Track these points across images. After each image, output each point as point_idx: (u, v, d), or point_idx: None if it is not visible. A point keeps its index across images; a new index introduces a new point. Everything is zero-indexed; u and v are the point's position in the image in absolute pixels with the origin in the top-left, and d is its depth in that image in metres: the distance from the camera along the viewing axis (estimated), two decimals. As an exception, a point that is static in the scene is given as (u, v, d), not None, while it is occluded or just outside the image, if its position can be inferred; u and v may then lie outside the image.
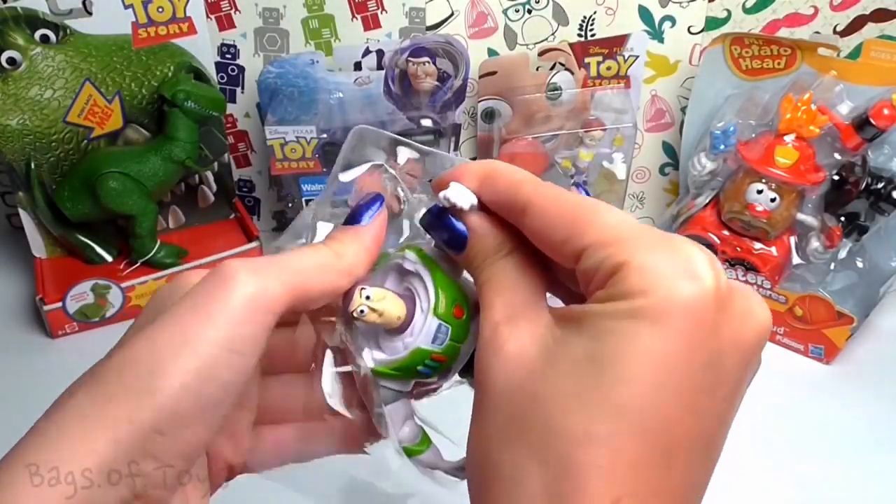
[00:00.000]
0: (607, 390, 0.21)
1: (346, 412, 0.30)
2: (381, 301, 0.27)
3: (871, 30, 0.73)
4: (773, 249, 0.68)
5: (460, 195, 0.27)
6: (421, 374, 0.28)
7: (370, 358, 0.29)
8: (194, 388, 0.24)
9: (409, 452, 0.30)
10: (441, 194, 0.27)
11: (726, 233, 0.69)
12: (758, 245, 0.68)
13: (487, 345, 0.25)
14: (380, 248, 0.29)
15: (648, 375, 0.21)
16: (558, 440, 0.22)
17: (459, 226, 0.27)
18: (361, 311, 0.27)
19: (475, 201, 0.27)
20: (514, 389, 0.23)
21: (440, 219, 0.27)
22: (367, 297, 0.27)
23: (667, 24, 0.74)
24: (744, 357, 0.23)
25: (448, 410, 0.30)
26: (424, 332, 0.28)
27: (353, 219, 0.29)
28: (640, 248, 0.22)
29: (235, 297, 0.24)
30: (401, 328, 0.28)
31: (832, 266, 0.67)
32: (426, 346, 0.28)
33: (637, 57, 0.74)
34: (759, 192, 0.65)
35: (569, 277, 0.27)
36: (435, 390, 0.31)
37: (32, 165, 0.68)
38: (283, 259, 0.26)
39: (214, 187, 0.78)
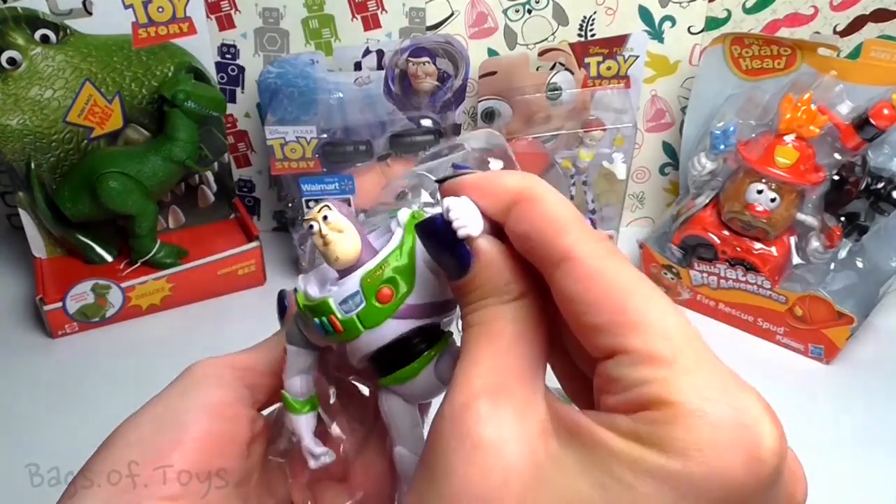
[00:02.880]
0: None
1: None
2: (335, 233, 0.23)
3: (871, 30, 0.73)
4: (773, 249, 0.68)
5: (466, 216, 0.21)
6: (316, 329, 0.25)
7: (301, 282, 0.26)
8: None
9: (287, 405, 0.28)
10: (445, 202, 0.21)
11: (726, 233, 0.69)
12: (758, 245, 0.68)
13: (455, 419, 0.19)
14: None
15: None
16: None
17: (464, 249, 0.21)
18: (311, 227, 0.23)
19: (481, 229, 0.21)
20: (480, 495, 0.18)
21: (439, 233, 0.21)
22: (325, 218, 0.23)
23: (667, 24, 0.74)
24: None
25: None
26: (342, 288, 0.24)
27: None
28: (696, 387, 0.17)
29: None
30: (342, 272, 0.24)
31: (832, 266, 0.67)
32: (333, 304, 0.24)
33: (637, 57, 0.74)
34: (759, 192, 0.65)
35: (580, 353, 0.22)
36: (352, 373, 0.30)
37: (32, 165, 0.68)
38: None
39: (214, 187, 0.78)
